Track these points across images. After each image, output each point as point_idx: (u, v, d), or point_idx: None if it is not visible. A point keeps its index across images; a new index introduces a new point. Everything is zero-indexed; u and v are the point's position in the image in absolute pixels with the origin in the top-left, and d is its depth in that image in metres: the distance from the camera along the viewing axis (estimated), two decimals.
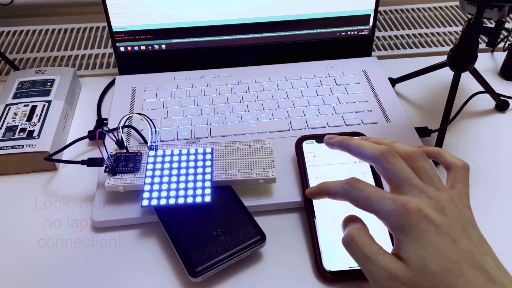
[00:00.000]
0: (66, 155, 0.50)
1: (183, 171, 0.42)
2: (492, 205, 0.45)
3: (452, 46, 0.53)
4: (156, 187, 0.41)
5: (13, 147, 0.47)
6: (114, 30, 0.57)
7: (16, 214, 0.44)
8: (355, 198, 0.33)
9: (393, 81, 0.59)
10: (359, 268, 0.37)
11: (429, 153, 0.36)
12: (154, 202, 0.40)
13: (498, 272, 0.29)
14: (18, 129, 0.49)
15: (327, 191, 0.36)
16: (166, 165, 0.43)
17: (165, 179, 0.42)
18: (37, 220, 0.43)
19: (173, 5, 0.56)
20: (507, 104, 0.56)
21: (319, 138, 0.46)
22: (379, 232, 0.34)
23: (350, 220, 0.35)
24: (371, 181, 0.43)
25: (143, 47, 0.59)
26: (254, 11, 0.58)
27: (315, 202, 0.41)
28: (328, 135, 0.40)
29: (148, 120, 0.47)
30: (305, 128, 0.51)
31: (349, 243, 0.33)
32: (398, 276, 0.30)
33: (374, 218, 0.33)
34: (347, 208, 0.41)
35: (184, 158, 0.43)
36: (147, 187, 0.41)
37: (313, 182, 0.43)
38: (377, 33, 0.71)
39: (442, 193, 0.32)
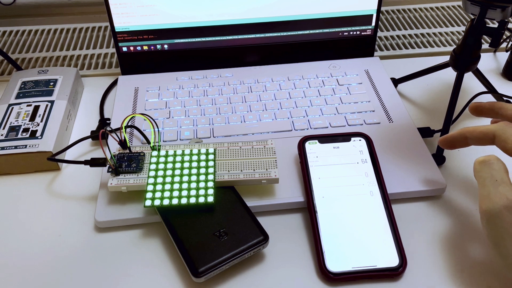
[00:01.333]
0: (69, 155, 0.50)
1: (186, 171, 0.42)
2: None
3: (455, 46, 0.53)
4: (159, 187, 0.41)
5: (16, 147, 0.47)
6: (116, 30, 0.57)
7: (19, 214, 0.44)
8: (510, 135, 0.33)
9: (396, 81, 0.59)
10: (362, 269, 0.37)
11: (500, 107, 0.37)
12: (157, 203, 0.40)
13: None
14: (21, 129, 0.49)
15: (474, 129, 0.36)
16: (169, 165, 0.43)
17: (168, 179, 0.42)
18: (40, 220, 0.43)
19: (176, 5, 0.56)
20: None
21: (321, 138, 0.46)
22: None
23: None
24: (374, 182, 0.43)
25: (145, 47, 0.59)
26: (257, 11, 0.58)
27: (318, 202, 0.41)
28: (474, 102, 0.39)
29: (151, 120, 0.47)
30: (307, 128, 0.51)
31: (484, 162, 0.33)
32: None
33: None
34: (350, 208, 0.41)
35: (187, 158, 0.43)
36: (150, 187, 0.41)
37: (315, 182, 0.43)
38: (379, 33, 0.71)
39: None
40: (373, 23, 0.61)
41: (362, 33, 0.61)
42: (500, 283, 0.37)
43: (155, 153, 0.44)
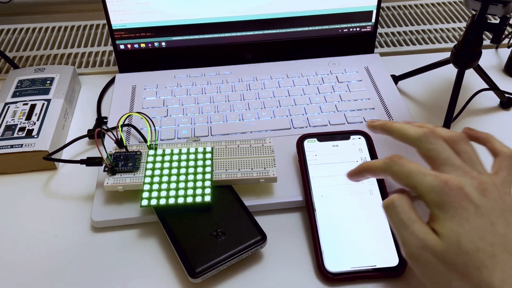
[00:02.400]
0: (65, 154, 0.50)
1: (183, 170, 0.42)
2: None
3: (455, 42, 0.53)
4: (155, 186, 0.41)
5: (12, 146, 0.46)
6: (113, 27, 0.57)
7: (15, 214, 0.44)
8: (396, 172, 0.33)
9: (396, 78, 0.59)
10: (361, 269, 0.37)
11: (478, 137, 0.36)
12: (153, 202, 0.40)
13: None
14: (17, 128, 0.48)
15: (368, 168, 0.36)
16: (166, 165, 0.42)
17: (165, 178, 0.41)
18: (36, 220, 0.43)
19: (173, 2, 0.56)
20: None
21: (320, 137, 0.46)
22: None
23: (397, 191, 0.34)
24: (373, 180, 0.42)
25: (143, 45, 0.59)
26: (255, 8, 0.57)
27: (317, 201, 0.41)
28: (370, 120, 0.40)
29: (148, 119, 0.46)
30: (306, 126, 0.51)
31: (388, 206, 0.33)
32: (430, 247, 0.30)
33: None
34: (349, 208, 0.40)
35: (184, 157, 0.43)
36: (146, 187, 0.41)
37: (314, 181, 0.42)
38: (379, 30, 0.71)
39: (484, 176, 0.32)
40: (373, 20, 0.60)
41: (362, 30, 0.61)
42: None
43: (151, 152, 0.43)
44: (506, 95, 0.55)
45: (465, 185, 0.31)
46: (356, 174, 0.38)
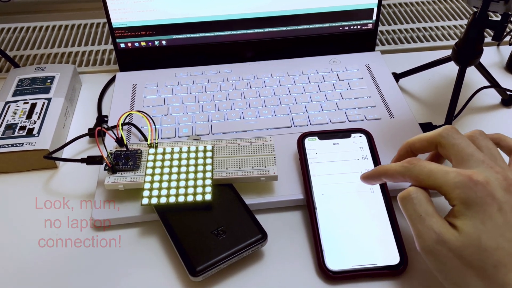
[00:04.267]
0: (66, 152, 0.50)
1: (183, 169, 0.42)
2: None
3: (457, 40, 0.52)
4: (156, 185, 0.41)
5: (12, 145, 0.46)
6: (114, 26, 0.57)
7: (16, 213, 0.44)
8: (416, 175, 0.33)
9: (397, 76, 0.59)
10: (362, 267, 0.37)
11: (490, 138, 0.36)
12: (154, 201, 0.40)
13: None
14: (18, 127, 0.48)
15: (385, 172, 0.36)
16: (167, 163, 0.42)
17: (165, 177, 0.41)
18: (37, 219, 0.43)
19: (174, 0, 0.55)
20: None
21: (321, 135, 0.46)
22: None
23: (413, 185, 0.34)
24: None
25: (143, 43, 0.59)
26: (256, 6, 0.57)
27: (318, 199, 0.41)
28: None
29: (148, 117, 0.46)
30: (307, 125, 0.51)
31: (405, 198, 0.33)
32: (447, 242, 0.30)
33: None
34: (350, 206, 0.40)
35: (184, 155, 0.43)
36: (147, 186, 0.41)
37: (315, 179, 0.42)
38: (380, 27, 0.70)
39: (508, 171, 0.32)
40: (374, 17, 0.60)
41: (363, 28, 0.61)
42: None
43: (152, 150, 0.43)
44: (508, 92, 0.55)
45: (490, 180, 0.31)
46: (371, 177, 0.37)
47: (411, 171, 0.33)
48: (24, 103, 0.52)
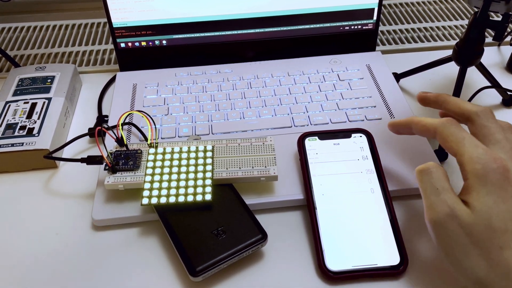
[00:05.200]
0: (66, 152, 0.50)
1: (183, 169, 0.42)
2: None
3: (457, 40, 0.52)
4: (156, 185, 0.41)
5: (12, 145, 0.46)
6: (114, 26, 0.57)
7: (15, 212, 0.44)
8: (450, 134, 0.33)
9: (398, 76, 0.58)
10: (362, 267, 0.37)
11: None
12: (154, 201, 0.40)
13: None
14: (18, 127, 0.48)
15: (418, 122, 0.36)
16: (167, 163, 0.42)
17: (166, 177, 0.41)
18: (37, 218, 0.43)
19: (174, 0, 0.55)
20: None
21: (321, 135, 0.46)
22: None
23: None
24: (374, 179, 0.42)
25: (143, 43, 0.59)
26: (256, 6, 0.57)
27: (318, 200, 0.41)
28: (422, 92, 0.39)
29: (148, 117, 0.46)
30: (307, 125, 0.51)
31: (423, 171, 0.33)
32: (458, 217, 0.30)
33: None
34: (350, 206, 0.40)
35: (184, 155, 0.43)
36: (147, 185, 0.41)
37: (315, 179, 0.42)
38: (381, 27, 0.70)
39: None
40: (375, 17, 0.60)
41: (364, 27, 0.60)
42: None
43: (152, 150, 0.43)
44: (509, 92, 0.55)
45: (511, 168, 0.31)
46: (401, 125, 0.38)
47: (447, 128, 0.33)
48: (24, 102, 0.52)
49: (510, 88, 0.55)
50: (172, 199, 0.40)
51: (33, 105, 0.51)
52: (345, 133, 0.46)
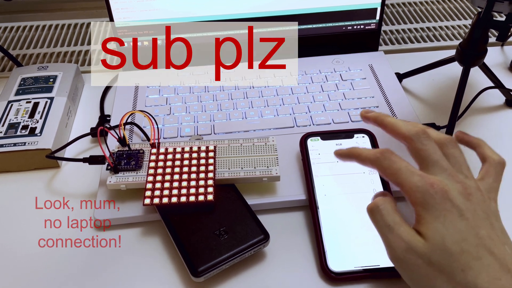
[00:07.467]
0: (68, 152, 0.50)
1: (185, 169, 0.42)
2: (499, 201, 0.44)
3: (461, 40, 0.52)
4: (158, 185, 0.41)
5: (15, 144, 0.46)
6: (116, 25, 0.57)
7: (18, 212, 0.44)
8: (385, 167, 0.33)
9: (400, 76, 0.58)
10: (364, 268, 0.37)
11: (469, 141, 0.37)
12: (156, 201, 0.40)
13: None
14: (20, 126, 0.48)
15: (358, 155, 0.36)
16: (169, 163, 0.42)
17: (168, 177, 0.41)
18: (39, 219, 0.43)
19: (176, 0, 0.55)
20: None
21: (324, 135, 0.46)
22: None
23: (380, 194, 0.35)
24: (377, 179, 0.42)
25: (146, 42, 0.58)
26: (258, 5, 0.57)
27: (320, 200, 0.41)
28: (364, 110, 0.39)
29: (151, 117, 0.46)
30: (310, 125, 0.50)
31: (373, 210, 0.33)
32: (415, 249, 0.30)
33: None
34: (353, 208, 0.40)
35: (186, 155, 0.43)
36: (149, 185, 0.41)
37: (317, 180, 0.42)
38: (384, 27, 0.70)
39: (470, 181, 0.33)
40: (378, 17, 0.59)
41: (366, 27, 0.60)
42: None
43: (154, 150, 0.43)
44: None
45: (450, 189, 0.31)
46: (344, 155, 0.38)
47: (381, 163, 0.34)
48: (27, 102, 0.52)
49: None
50: (174, 199, 0.40)
51: (36, 105, 0.51)
52: (348, 133, 0.46)
